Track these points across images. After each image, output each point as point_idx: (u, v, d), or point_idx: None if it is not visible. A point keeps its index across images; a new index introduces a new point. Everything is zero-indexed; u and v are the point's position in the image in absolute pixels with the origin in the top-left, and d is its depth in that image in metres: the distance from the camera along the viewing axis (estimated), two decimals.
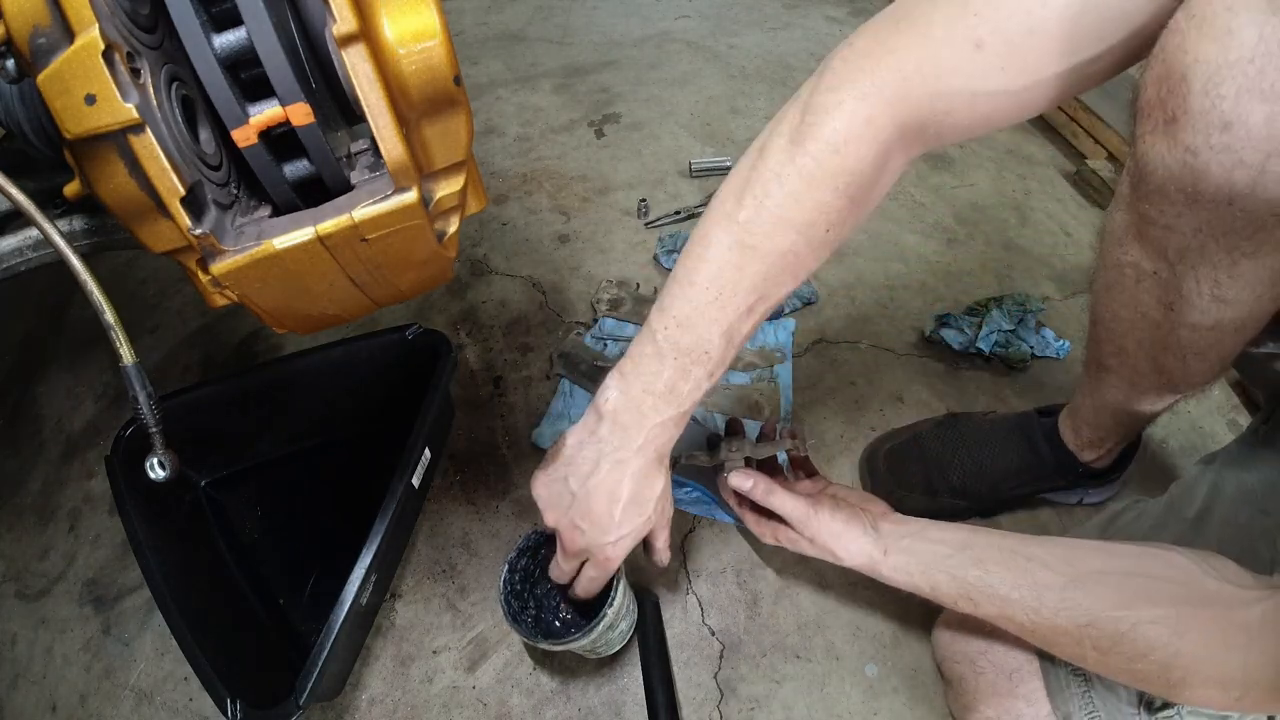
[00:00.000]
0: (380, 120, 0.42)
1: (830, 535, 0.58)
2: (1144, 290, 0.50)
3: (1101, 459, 0.72)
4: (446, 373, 0.75)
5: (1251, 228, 0.39)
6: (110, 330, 0.44)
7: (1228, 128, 0.35)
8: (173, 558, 0.67)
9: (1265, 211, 0.38)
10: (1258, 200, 0.37)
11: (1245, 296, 0.44)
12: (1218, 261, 0.43)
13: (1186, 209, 0.41)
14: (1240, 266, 0.42)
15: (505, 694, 0.70)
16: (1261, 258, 0.41)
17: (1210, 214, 0.40)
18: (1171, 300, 0.48)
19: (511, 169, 1.30)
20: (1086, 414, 0.69)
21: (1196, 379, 0.55)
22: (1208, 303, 0.46)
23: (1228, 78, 0.35)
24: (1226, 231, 0.40)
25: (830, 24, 1.73)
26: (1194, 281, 0.45)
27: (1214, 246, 0.42)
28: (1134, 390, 0.61)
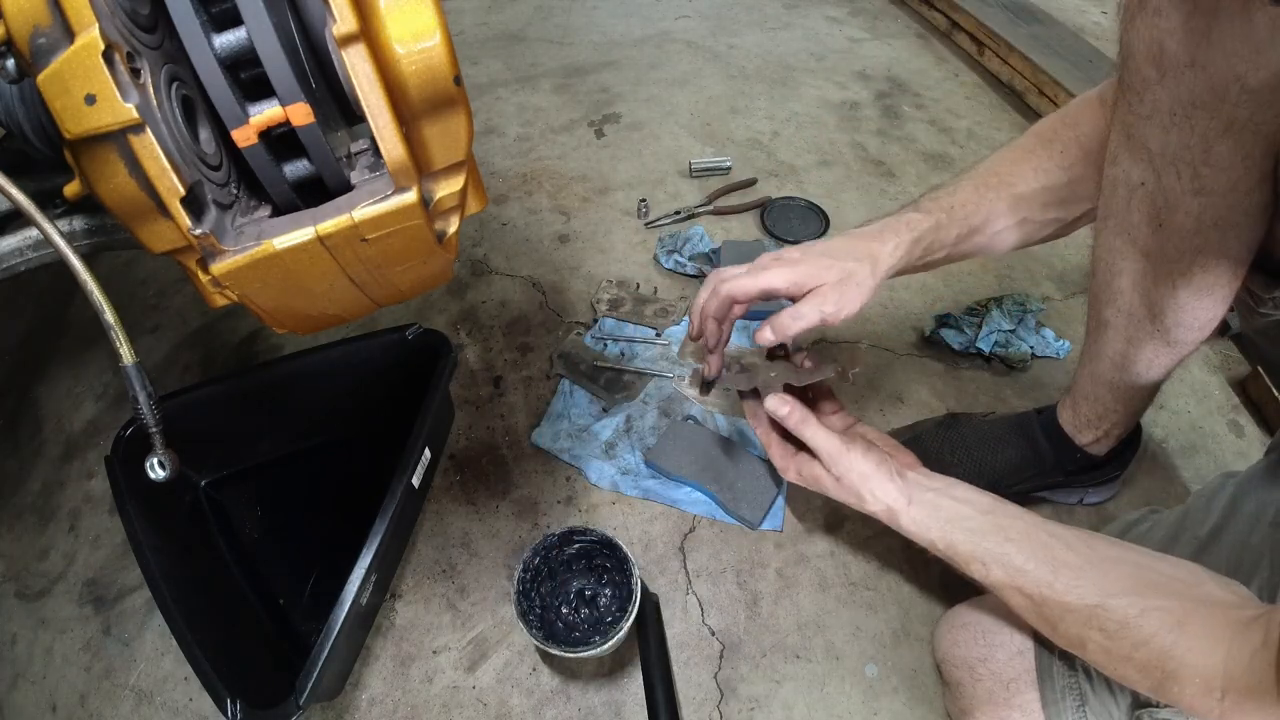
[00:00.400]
0: (380, 120, 0.42)
1: (859, 475, 0.57)
2: (1135, 208, 0.54)
3: (1100, 442, 0.72)
4: (446, 373, 0.75)
5: (1216, 98, 0.44)
6: (110, 330, 0.44)
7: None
8: (173, 558, 0.67)
9: (1224, 71, 0.43)
10: (1215, 53, 0.42)
11: (1222, 183, 0.48)
12: (1193, 147, 0.47)
13: (1159, 83, 0.46)
14: (1213, 150, 0.46)
15: (505, 694, 0.70)
16: (1231, 137, 0.46)
17: (1177, 82, 0.45)
18: (1158, 209, 0.52)
19: (511, 169, 1.30)
20: (1085, 388, 0.69)
21: (1187, 318, 0.57)
22: (1190, 199, 0.50)
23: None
24: (1196, 106, 0.45)
25: (830, 24, 1.73)
26: (1175, 177, 0.49)
27: (1188, 130, 0.47)
28: (1130, 346, 0.62)
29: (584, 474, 0.85)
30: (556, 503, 0.83)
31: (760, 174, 1.26)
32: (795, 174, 1.27)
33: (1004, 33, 1.46)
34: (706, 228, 1.13)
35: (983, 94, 1.49)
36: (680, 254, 1.08)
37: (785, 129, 1.38)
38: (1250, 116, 0.44)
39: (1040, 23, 1.50)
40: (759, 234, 1.15)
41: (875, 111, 1.43)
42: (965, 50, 1.60)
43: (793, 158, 1.31)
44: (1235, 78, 0.42)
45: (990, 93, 1.49)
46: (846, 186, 1.25)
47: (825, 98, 1.47)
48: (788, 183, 1.26)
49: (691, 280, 1.07)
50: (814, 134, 1.36)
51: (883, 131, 1.38)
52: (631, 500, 0.83)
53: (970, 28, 1.57)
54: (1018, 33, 1.46)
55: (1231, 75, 0.42)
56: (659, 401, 0.91)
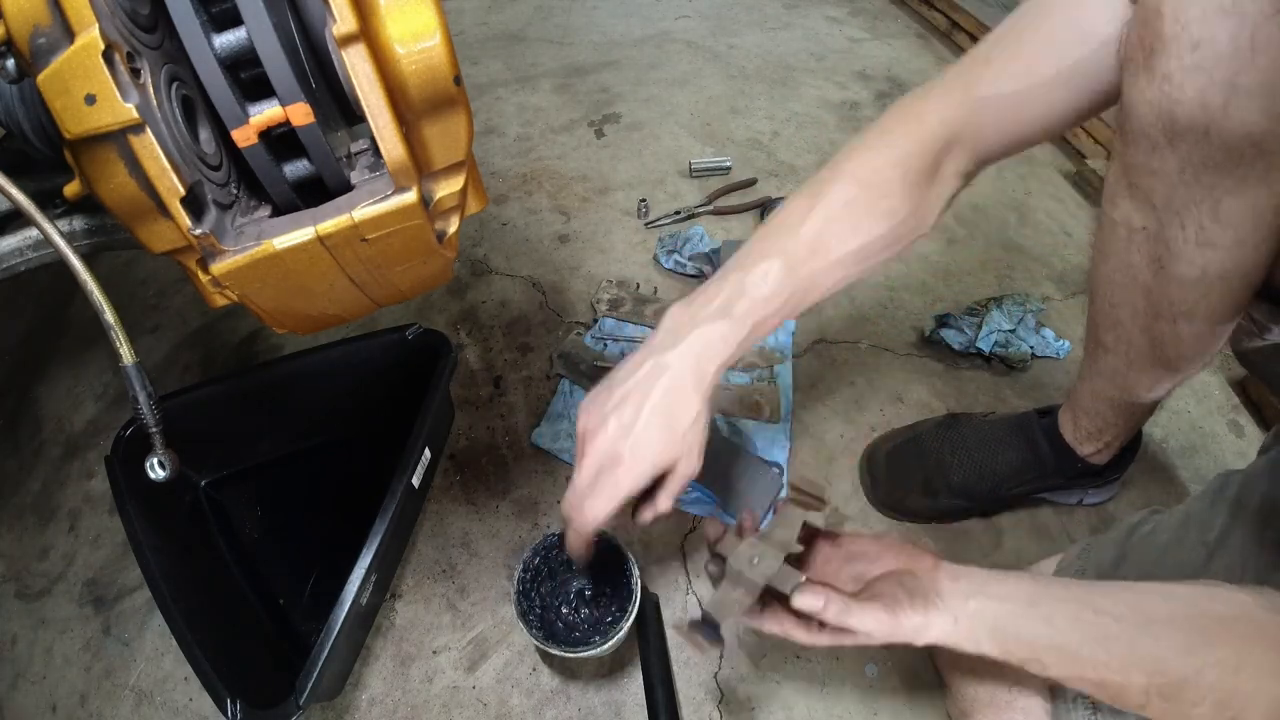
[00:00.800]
0: (380, 120, 0.42)
1: (913, 631, 0.50)
2: (1135, 249, 0.52)
3: (1100, 453, 0.72)
4: (446, 373, 0.75)
5: (1230, 161, 0.42)
6: (110, 330, 0.44)
7: (1197, 47, 0.40)
8: (173, 558, 0.67)
9: (1240, 138, 0.41)
10: (1232, 123, 0.40)
11: (1228, 239, 0.47)
12: (1200, 202, 0.45)
13: (1168, 145, 0.44)
14: (1222, 206, 0.45)
15: (505, 694, 0.70)
16: (1242, 195, 0.44)
17: (1189, 147, 0.43)
18: (1160, 255, 0.50)
19: (511, 169, 1.30)
20: (1085, 402, 0.69)
21: (1187, 350, 0.56)
22: (1193, 250, 0.48)
23: (1194, 2, 0.39)
24: (1207, 167, 0.43)
25: (830, 24, 1.73)
26: (1179, 228, 0.48)
27: (1196, 188, 0.45)
28: (1131, 370, 0.61)
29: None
30: (556, 503, 0.83)
31: (760, 174, 1.26)
32: (795, 174, 1.27)
33: None
34: (706, 228, 1.13)
35: None
36: (680, 254, 1.08)
37: (785, 129, 1.38)
38: (1264, 176, 0.43)
39: None
40: None
41: (875, 111, 1.43)
42: (965, 50, 1.60)
43: (793, 158, 1.31)
44: (1252, 143, 0.41)
45: None
46: None
47: (825, 98, 1.47)
48: (788, 183, 1.26)
49: (691, 280, 1.07)
50: (814, 134, 1.36)
51: None
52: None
53: (970, 28, 1.57)
54: None
55: (1248, 141, 0.41)
56: None
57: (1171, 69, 0.41)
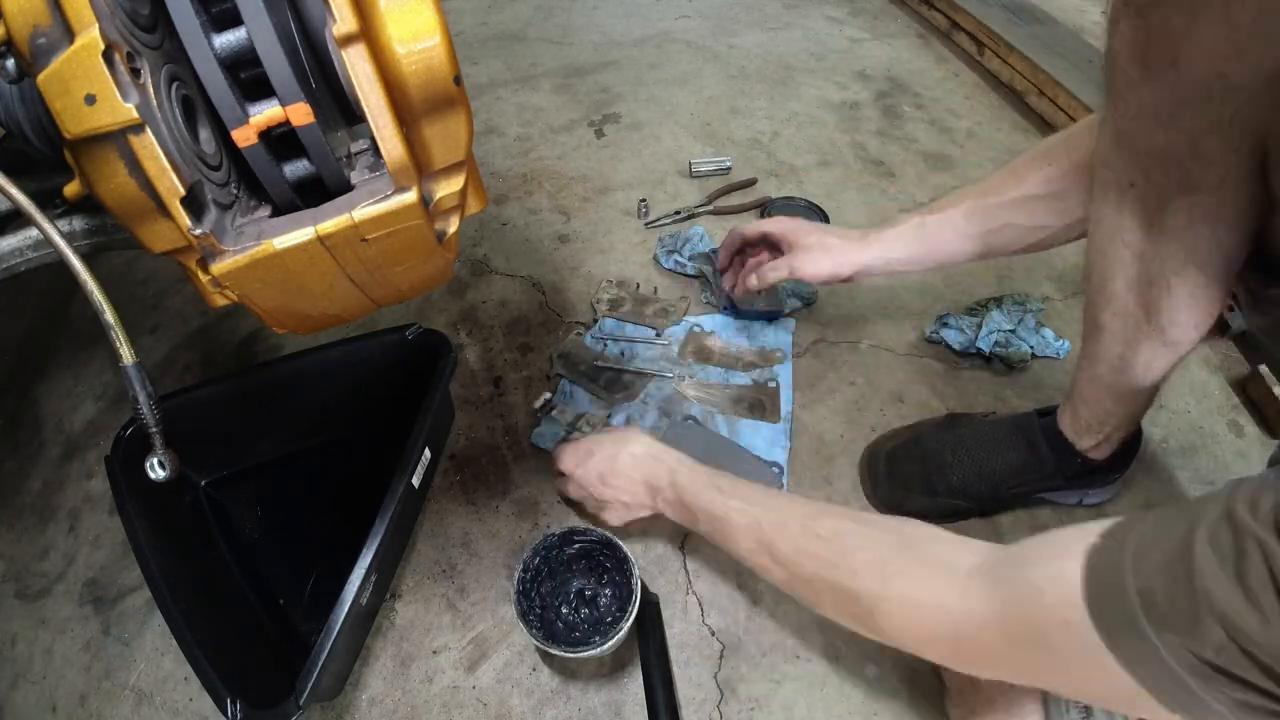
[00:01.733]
0: (380, 120, 0.42)
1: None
2: (1126, 210, 0.54)
3: (1100, 447, 0.72)
4: (446, 373, 0.75)
5: (1200, 96, 0.44)
6: (110, 330, 0.44)
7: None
8: (173, 558, 0.67)
9: (1205, 69, 0.43)
10: (1195, 50, 0.42)
11: (1210, 179, 0.48)
12: (1180, 144, 0.48)
13: (1143, 84, 0.47)
14: (1200, 146, 0.47)
15: (505, 694, 0.70)
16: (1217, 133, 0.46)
17: (1160, 82, 0.46)
18: (1150, 210, 0.53)
19: (511, 169, 1.30)
20: (1084, 391, 0.69)
21: (1182, 317, 0.57)
22: (1179, 197, 0.50)
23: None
24: (1180, 104, 0.45)
25: (830, 24, 1.73)
26: (1163, 175, 0.50)
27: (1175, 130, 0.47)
28: (1127, 349, 0.62)
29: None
30: (556, 503, 0.83)
31: (760, 174, 1.26)
32: (795, 174, 1.27)
33: (1004, 33, 1.46)
34: (706, 228, 1.13)
35: (983, 94, 1.49)
36: (680, 254, 1.08)
37: (785, 129, 1.38)
38: (1235, 112, 0.44)
39: (1040, 23, 1.51)
40: None
41: (875, 111, 1.43)
42: (965, 50, 1.60)
43: (793, 158, 1.31)
44: (1218, 74, 0.43)
45: (990, 93, 1.49)
46: (846, 186, 1.25)
47: (825, 98, 1.47)
48: (788, 183, 1.26)
49: (691, 280, 1.07)
50: (814, 134, 1.36)
51: (883, 131, 1.38)
52: None
53: (970, 28, 1.57)
54: (1018, 33, 1.46)
55: (1214, 72, 0.43)
56: (659, 402, 0.91)
57: (1142, 3, 0.44)
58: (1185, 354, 0.61)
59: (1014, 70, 1.43)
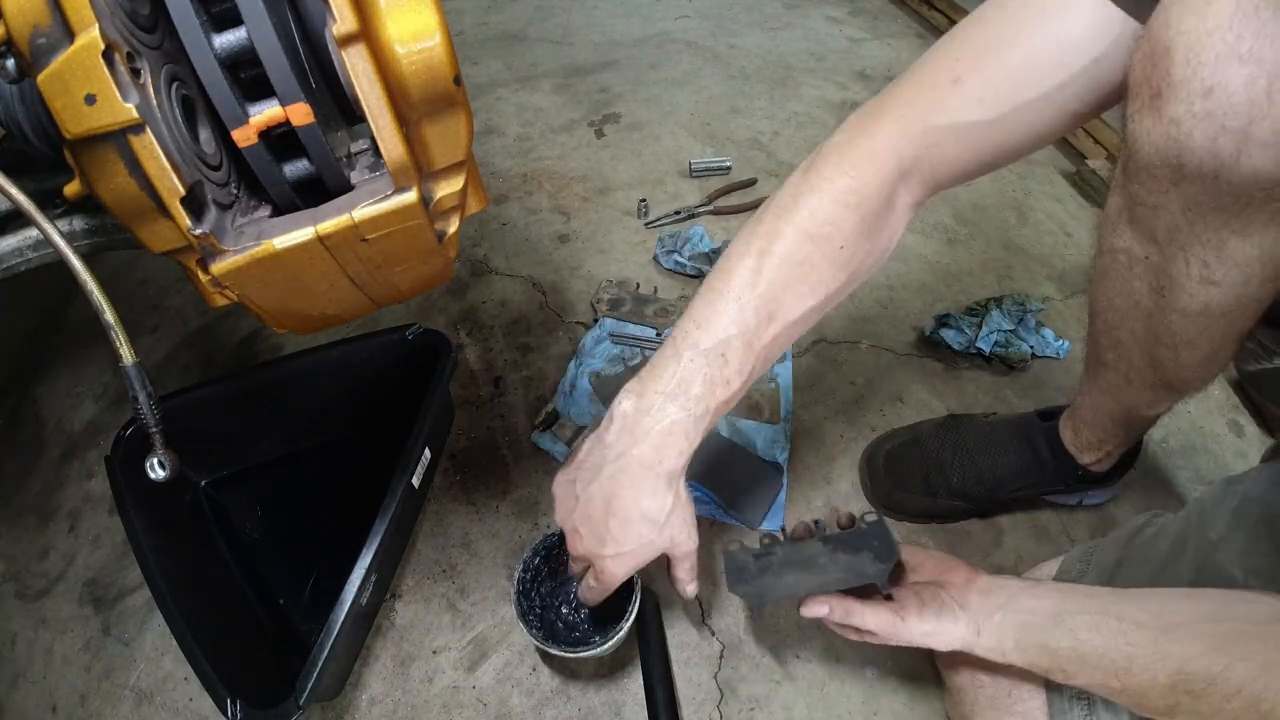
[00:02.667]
0: (380, 120, 0.42)
1: (923, 636, 0.54)
2: (1136, 276, 0.50)
3: (1101, 462, 0.72)
4: (446, 373, 0.75)
5: (1238, 205, 0.40)
6: (110, 330, 0.44)
7: (1209, 94, 0.37)
8: (173, 558, 0.67)
9: (1250, 185, 0.38)
10: (1242, 172, 0.38)
11: (1233, 278, 0.45)
12: (1206, 241, 0.43)
13: (1173, 186, 0.42)
14: (1228, 247, 0.43)
15: (505, 694, 0.70)
16: (1249, 236, 0.42)
17: (1196, 190, 0.41)
18: (1162, 285, 0.49)
19: (511, 169, 1.30)
20: (1086, 415, 0.69)
21: (1189, 374, 0.55)
22: (1196, 285, 0.46)
23: (1207, 45, 0.36)
24: (1214, 209, 0.41)
25: (830, 24, 1.73)
26: (1183, 263, 0.46)
27: (1201, 226, 0.43)
28: (1131, 387, 0.61)
29: None
30: None
31: (760, 174, 1.26)
32: None
33: None
34: (706, 228, 1.13)
35: None
36: (680, 254, 1.08)
37: (785, 129, 1.38)
38: (1272, 218, 0.40)
39: None
40: None
41: None
42: None
43: (793, 158, 1.31)
44: (1261, 188, 0.38)
45: None
46: None
47: (825, 98, 1.47)
48: None
49: (691, 280, 1.07)
50: (814, 134, 1.36)
51: None
52: None
53: None
54: None
55: (1257, 186, 0.38)
56: None
57: (1180, 114, 0.38)
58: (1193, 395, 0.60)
59: None
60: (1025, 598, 0.54)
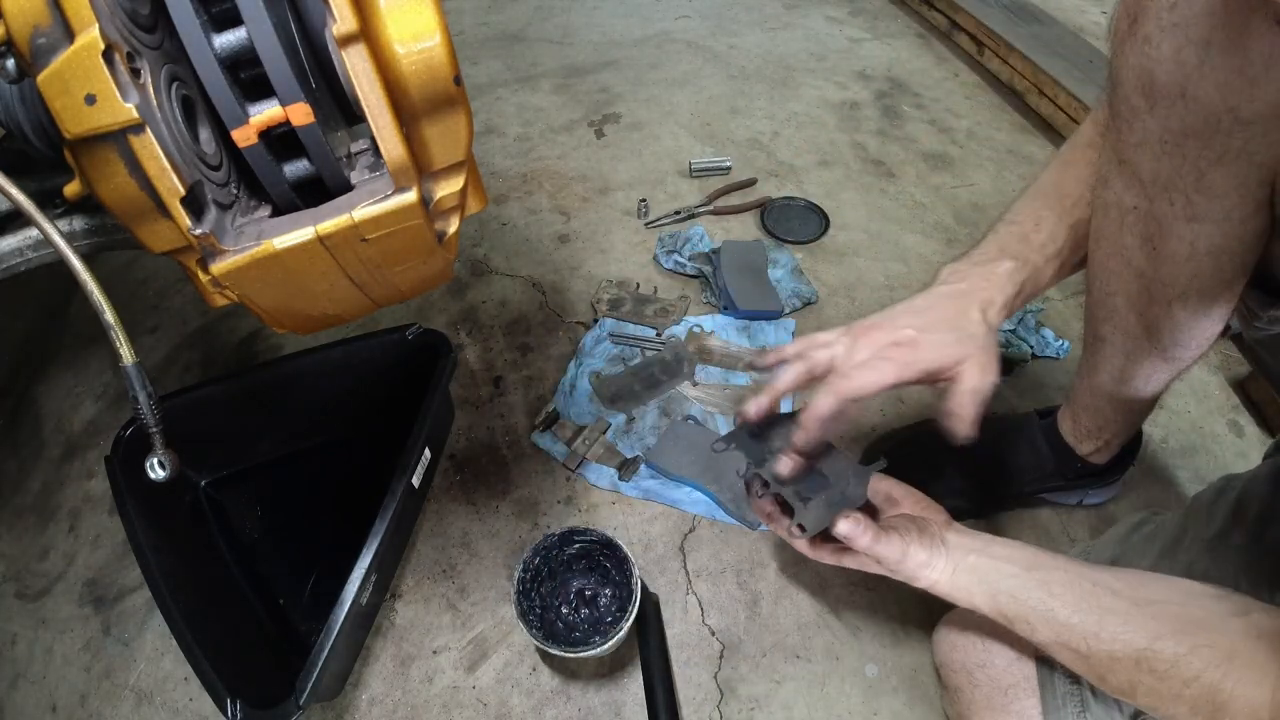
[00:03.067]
0: (380, 120, 0.42)
1: (920, 566, 0.54)
2: (1127, 230, 0.53)
3: (1100, 452, 0.72)
4: (446, 373, 0.75)
5: (1209, 128, 0.43)
6: (110, 330, 0.44)
7: (1174, 5, 0.40)
8: (173, 558, 0.67)
9: (1216, 103, 0.41)
10: (1206, 83, 0.41)
11: (1216, 212, 0.47)
12: (1185, 175, 0.46)
13: (1149, 112, 0.45)
14: (1206, 178, 0.45)
15: (505, 694, 0.70)
16: (1224, 165, 0.44)
17: (1169, 112, 0.44)
18: (1151, 233, 0.51)
19: (511, 169, 1.30)
20: (1084, 399, 0.69)
21: (1183, 337, 0.56)
22: (1183, 226, 0.48)
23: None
24: (1188, 135, 0.44)
25: (830, 24, 1.73)
26: (1167, 204, 0.48)
27: (1180, 159, 0.45)
28: (1128, 362, 0.61)
29: (583, 474, 0.85)
30: (556, 503, 0.83)
31: (760, 174, 1.26)
32: (795, 174, 1.27)
33: (1004, 33, 1.46)
34: (706, 228, 1.13)
35: (983, 94, 1.49)
36: (680, 254, 1.08)
37: (785, 129, 1.38)
38: (1244, 146, 0.43)
39: (1040, 23, 1.50)
40: (759, 234, 1.15)
41: (875, 111, 1.43)
42: (965, 50, 1.60)
43: (793, 158, 1.31)
44: (1228, 109, 0.41)
45: (990, 93, 1.49)
46: (846, 186, 1.25)
47: (825, 98, 1.47)
48: (788, 183, 1.26)
49: (691, 280, 1.07)
50: (814, 134, 1.36)
51: (883, 131, 1.38)
52: (631, 500, 0.83)
53: (970, 28, 1.57)
54: (1018, 33, 1.46)
55: (1224, 106, 0.41)
56: (659, 402, 0.91)
57: (1150, 30, 0.42)
58: (1187, 368, 0.60)
59: (1014, 70, 1.43)
60: (999, 546, 0.54)
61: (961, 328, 0.54)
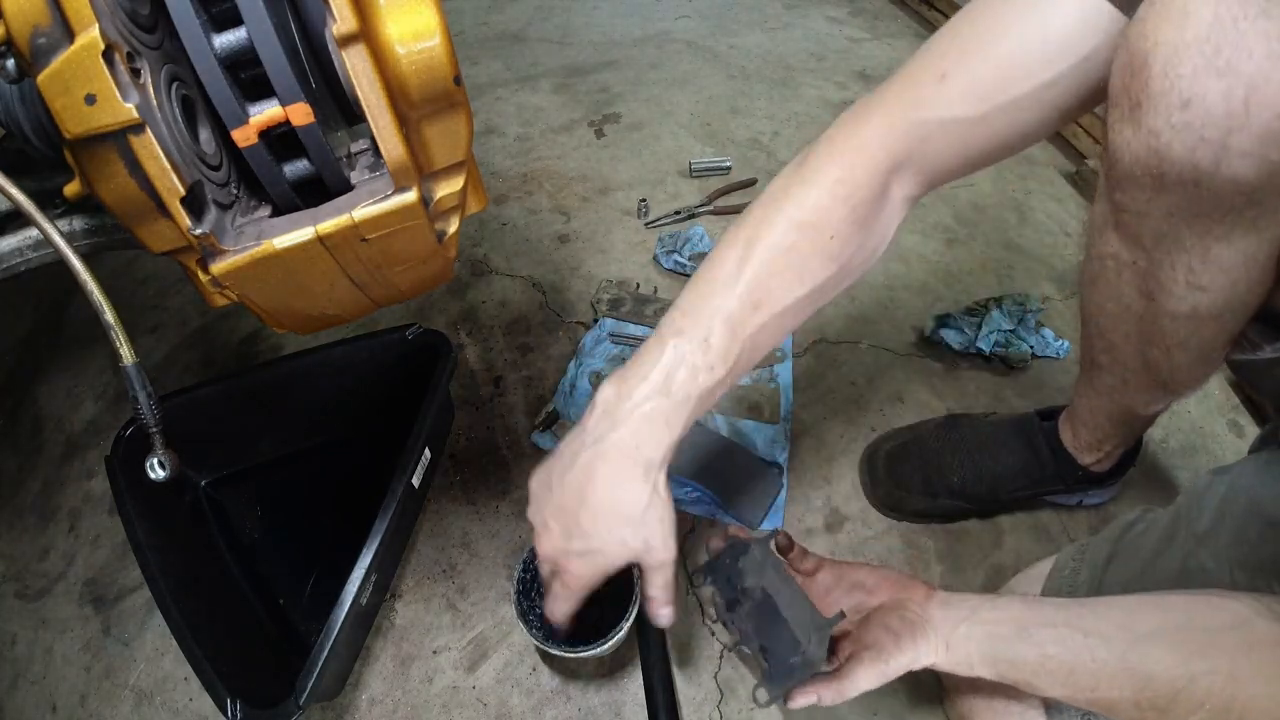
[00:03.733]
0: (380, 120, 0.42)
1: (908, 665, 0.54)
2: (1125, 281, 0.51)
3: (1101, 462, 0.72)
4: (446, 373, 0.75)
5: (1220, 210, 0.40)
6: (110, 330, 0.44)
7: (1187, 105, 0.36)
8: (173, 558, 0.67)
9: (1231, 192, 0.39)
10: (1222, 180, 0.38)
11: (1220, 283, 0.45)
12: (1190, 247, 0.44)
13: (1155, 194, 0.42)
14: (1213, 252, 0.43)
15: (505, 694, 0.70)
16: (1233, 242, 0.42)
17: (1178, 197, 0.41)
18: (1151, 289, 0.49)
19: (511, 169, 1.30)
20: (1084, 415, 0.69)
21: (1183, 375, 0.55)
22: (1184, 290, 0.46)
23: (1185, 57, 0.36)
24: (1197, 215, 0.41)
25: (830, 24, 1.73)
26: (1170, 269, 0.46)
27: (1186, 232, 0.43)
28: (1126, 388, 0.61)
29: None
30: None
31: (760, 174, 1.26)
32: None
33: None
34: (707, 228, 1.13)
35: None
36: (680, 254, 1.08)
37: (785, 129, 1.38)
38: (1254, 222, 0.41)
39: None
40: None
41: None
42: None
43: (792, 157, 1.31)
44: (1241, 193, 0.39)
45: None
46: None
47: (825, 98, 1.47)
48: None
49: None
50: (814, 134, 1.34)
51: None
52: None
53: None
54: None
55: (1238, 192, 0.39)
56: None
57: (1159, 126, 0.38)
58: (1188, 395, 0.60)
59: None
60: (987, 609, 0.53)
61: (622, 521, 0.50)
